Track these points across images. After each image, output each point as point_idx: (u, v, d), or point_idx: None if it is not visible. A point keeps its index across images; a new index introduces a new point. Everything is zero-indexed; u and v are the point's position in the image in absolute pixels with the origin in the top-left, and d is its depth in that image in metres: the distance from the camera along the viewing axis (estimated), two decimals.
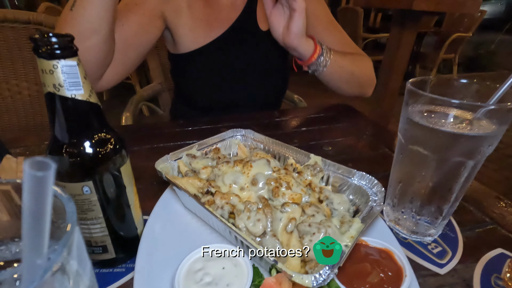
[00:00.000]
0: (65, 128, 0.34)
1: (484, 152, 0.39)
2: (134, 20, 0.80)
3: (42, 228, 0.13)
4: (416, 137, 0.42)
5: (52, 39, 0.30)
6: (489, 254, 0.46)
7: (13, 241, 0.26)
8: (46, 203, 0.13)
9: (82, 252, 0.16)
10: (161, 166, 0.52)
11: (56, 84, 0.31)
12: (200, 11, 0.91)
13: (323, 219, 0.42)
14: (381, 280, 0.35)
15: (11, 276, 0.13)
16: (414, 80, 0.43)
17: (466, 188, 0.44)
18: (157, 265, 0.40)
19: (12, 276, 0.14)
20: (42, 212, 0.13)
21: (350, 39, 1.04)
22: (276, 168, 0.51)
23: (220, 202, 0.45)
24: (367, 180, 0.48)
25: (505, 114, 0.37)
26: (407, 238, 0.49)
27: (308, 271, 0.37)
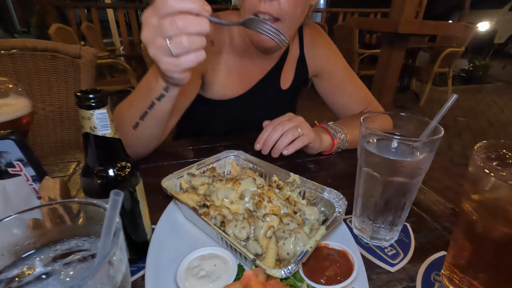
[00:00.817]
0: (96, 157, 0.45)
1: (420, 172, 0.50)
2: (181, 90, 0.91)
3: (113, 225, 0.24)
4: (368, 161, 0.53)
5: (90, 95, 0.41)
6: (434, 256, 0.56)
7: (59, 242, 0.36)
8: (117, 212, 0.24)
9: (122, 246, 0.27)
10: (166, 183, 0.63)
11: (92, 127, 0.42)
12: (234, 70, 1.00)
13: (296, 226, 0.53)
14: (336, 273, 0.45)
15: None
16: (366, 116, 0.54)
17: (412, 200, 0.55)
18: (163, 264, 0.50)
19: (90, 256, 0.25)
20: (114, 217, 0.24)
21: (365, 92, 1.09)
22: (260, 185, 0.62)
23: (214, 213, 0.56)
24: (334, 195, 0.59)
25: (433, 143, 0.48)
26: (368, 243, 0.59)
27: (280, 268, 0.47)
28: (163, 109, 0.70)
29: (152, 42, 0.53)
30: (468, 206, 0.42)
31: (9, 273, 0.27)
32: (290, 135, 0.80)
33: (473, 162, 0.41)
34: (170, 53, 0.52)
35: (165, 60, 0.54)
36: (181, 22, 0.50)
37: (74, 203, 0.35)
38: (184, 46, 0.51)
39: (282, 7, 0.80)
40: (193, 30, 0.51)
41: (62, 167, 0.87)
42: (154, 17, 0.52)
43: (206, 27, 0.52)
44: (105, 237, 0.24)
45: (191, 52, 0.53)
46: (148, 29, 0.53)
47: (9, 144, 0.47)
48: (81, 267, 0.30)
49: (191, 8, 0.50)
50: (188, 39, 0.51)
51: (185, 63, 0.54)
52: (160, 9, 0.50)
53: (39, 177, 0.52)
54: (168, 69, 0.55)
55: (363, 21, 2.70)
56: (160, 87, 0.65)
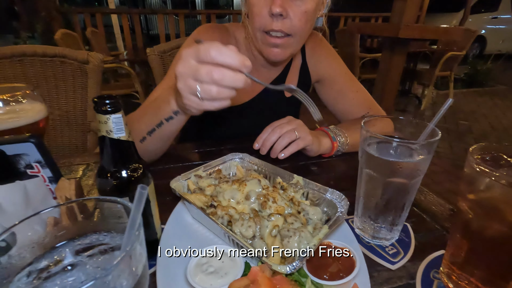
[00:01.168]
0: (111, 159, 0.48)
1: (418, 174, 0.53)
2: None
3: (138, 216, 0.27)
4: (368, 162, 0.55)
5: (106, 101, 0.44)
6: (434, 254, 0.58)
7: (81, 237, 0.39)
8: (142, 204, 0.27)
9: (142, 241, 0.30)
10: (174, 184, 0.65)
11: (108, 130, 0.45)
12: None
13: (300, 226, 0.55)
14: (338, 270, 0.47)
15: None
16: (366, 120, 0.57)
17: (411, 201, 0.57)
18: (172, 261, 0.52)
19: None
20: (140, 208, 0.27)
21: (367, 96, 1.11)
22: (265, 186, 0.64)
23: (221, 213, 0.58)
24: (337, 195, 0.61)
25: (430, 146, 0.51)
26: (369, 242, 0.61)
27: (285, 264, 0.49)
28: (170, 129, 0.73)
29: (183, 78, 0.54)
30: (464, 205, 0.44)
31: (38, 264, 0.30)
32: (287, 137, 0.83)
33: (468, 164, 0.43)
34: (196, 94, 0.54)
35: (189, 98, 0.55)
36: (217, 74, 0.51)
37: (93, 200, 0.37)
38: (212, 95, 0.53)
39: (293, 23, 0.82)
40: (226, 84, 0.52)
41: (72, 169, 0.89)
42: (193, 59, 0.53)
43: (240, 83, 0.53)
44: (130, 228, 0.27)
45: (217, 100, 0.55)
46: (184, 65, 0.54)
47: (29, 146, 0.50)
48: (103, 258, 0.32)
49: (230, 64, 0.52)
50: (218, 90, 0.52)
51: (207, 106, 0.55)
52: (201, 54, 0.52)
53: (55, 178, 0.55)
54: (189, 105, 0.57)
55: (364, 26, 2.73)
56: (170, 110, 0.68)
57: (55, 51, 1.46)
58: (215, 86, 0.52)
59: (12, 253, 0.30)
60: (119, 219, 0.36)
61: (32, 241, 0.31)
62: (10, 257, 0.28)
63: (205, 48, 0.51)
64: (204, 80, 0.52)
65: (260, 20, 0.84)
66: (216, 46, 0.51)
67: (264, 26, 0.84)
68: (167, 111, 0.68)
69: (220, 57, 0.51)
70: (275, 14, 0.79)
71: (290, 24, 0.82)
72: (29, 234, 0.34)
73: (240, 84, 0.53)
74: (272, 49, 0.88)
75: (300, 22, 0.83)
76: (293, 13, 0.81)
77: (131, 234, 0.27)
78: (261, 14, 0.83)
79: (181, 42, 1.50)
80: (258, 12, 0.83)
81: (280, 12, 0.79)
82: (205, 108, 0.56)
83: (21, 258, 0.29)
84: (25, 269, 0.28)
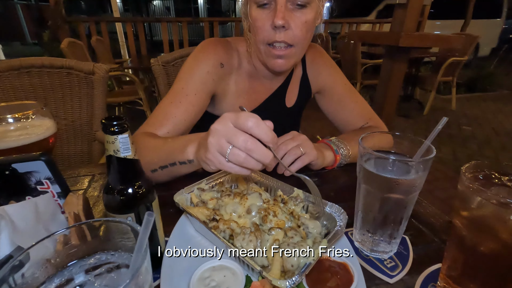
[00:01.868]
0: (117, 177, 0.50)
1: (414, 190, 0.54)
2: (194, 110, 0.94)
3: (145, 240, 0.29)
4: (365, 178, 0.57)
5: (114, 122, 0.46)
6: (431, 268, 0.59)
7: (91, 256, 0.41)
8: (149, 230, 0.29)
9: (148, 258, 0.32)
10: (178, 198, 0.67)
11: (115, 150, 0.47)
12: (243, 90, 1.06)
13: (300, 240, 0.56)
14: (337, 284, 0.49)
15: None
16: (364, 136, 0.58)
17: (408, 215, 0.58)
18: (176, 274, 0.54)
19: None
20: (147, 234, 0.29)
21: (366, 107, 1.14)
22: (266, 200, 0.66)
23: (223, 227, 0.60)
24: (335, 209, 0.63)
25: (426, 163, 0.52)
26: (368, 255, 0.62)
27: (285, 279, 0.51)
28: (182, 171, 0.76)
29: (218, 136, 0.55)
30: (458, 222, 0.46)
31: (50, 284, 0.32)
32: (292, 154, 0.84)
33: (461, 182, 0.44)
34: (224, 154, 0.55)
35: (215, 155, 0.56)
36: (252, 145, 0.53)
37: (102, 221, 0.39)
38: (239, 161, 0.54)
39: (295, 34, 0.85)
40: (255, 156, 0.54)
41: (77, 181, 0.92)
42: (232, 122, 0.55)
43: (267, 160, 0.55)
44: (138, 250, 0.29)
45: (239, 167, 0.56)
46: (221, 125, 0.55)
47: (40, 164, 0.52)
48: (110, 276, 0.34)
49: (265, 140, 0.54)
50: (246, 158, 0.54)
51: (227, 168, 0.57)
52: (240, 121, 0.54)
53: (64, 194, 0.57)
54: (211, 161, 0.58)
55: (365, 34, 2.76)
56: (185, 157, 0.70)
57: (62, 62, 1.50)
58: (245, 154, 0.54)
59: (26, 272, 0.32)
60: (125, 235, 0.38)
61: (44, 260, 0.33)
62: (25, 277, 0.30)
63: (245, 116, 0.54)
64: (237, 144, 0.54)
65: (263, 33, 0.87)
66: (255, 118, 0.53)
67: (268, 39, 0.87)
68: (180, 156, 0.71)
69: (257, 130, 0.53)
70: (277, 26, 0.82)
71: (292, 34, 0.85)
72: (41, 252, 0.36)
73: (267, 160, 0.55)
74: (276, 60, 0.91)
75: (301, 32, 0.86)
76: (294, 24, 0.84)
77: (139, 256, 0.29)
78: (264, 27, 0.86)
79: (184, 53, 1.53)
80: (261, 26, 0.86)
81: (283, 24, 0.82)
82: (224, 169, 0.58)
83: (34, 278, 0.31)
84: None
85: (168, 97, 0.94)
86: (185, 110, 0.92)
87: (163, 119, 0.91)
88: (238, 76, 1.04)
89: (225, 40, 1.03)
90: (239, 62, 1.04)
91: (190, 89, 0.94)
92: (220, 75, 0.99)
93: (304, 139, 0.87)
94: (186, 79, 0.95)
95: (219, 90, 1.01)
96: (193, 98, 0.94)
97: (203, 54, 0.98)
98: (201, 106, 0.97)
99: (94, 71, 1.53)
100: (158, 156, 0.77)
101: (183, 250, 0.59)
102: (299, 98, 1.16)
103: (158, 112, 0.93)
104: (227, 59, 1.00)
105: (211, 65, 0.96)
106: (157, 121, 0.91)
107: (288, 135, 0.89)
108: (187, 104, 0.93)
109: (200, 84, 0.95)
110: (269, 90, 1.11)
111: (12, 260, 0.29)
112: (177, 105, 0.92)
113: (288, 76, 1.12)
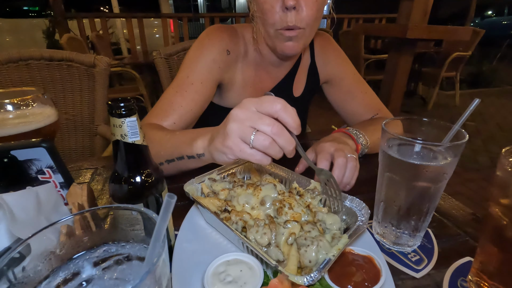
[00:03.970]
0: (125, 164, 0.46)
1: (444, 177, 0.50)
2: (200, 99, 0.90)
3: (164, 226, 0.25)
4: (389, 166, 0.53)
5: (121, 104, 0.43)
6: (459, 262, 0.55)
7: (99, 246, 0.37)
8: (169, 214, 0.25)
9: (166, 249, 0.28)
10: (188, 188, 0.64)
11: (123, 134, 0.44)
12: (250, 80, 1.02)
13: (318, 234, 0.52)
14: (363, 279, 0.45)
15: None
16: (388, 121, 0.54)
17: (435, 206, 0.55)
18: (187, 269, 0.50)
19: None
20: (167, 218, 0.25)
21: (375, 98, 1.09)
22: (281, 191, 0.62)
23: (235, 218, 0.56)
24: (356, 203, 0.58)
25: (457, 148, 0.48)
26: (391, 249, 0.59)
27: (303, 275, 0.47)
28: (190, 165, 0.71)
29: (239, 121, 0.51)
30: (497, 211, 0.42)
31: (55, 278, 0.28)
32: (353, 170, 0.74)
33: (501, 166, 0.41)
34: (246, 140, 0.51)
35: (236, 141, 0.52)
36: (278, 129, 0.50)
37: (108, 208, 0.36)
38: (264, 146, 0.50)
39: (307, 13, 0.81)
40: (280, 141, 0.51)
41: (80, 174, 0.88)
42: (255, 107, 0.51)
43: (291, 147, 0.52)
44: (155, 239, 0.25)
45: (261, 154, 0.52)
46: (243, 110, 0.52)
47: (41, 151, 0.48)
48: (120, 269, 0.30)
49: (291, 125, 0.51)
50: (271, 143, 0.50)
51: (248, 156, 0.52)
52: (265, 105, 0.50)
53: (67, 184, 0.54)
54: (231, 148, 0.53)
55: (370, 27, 2.71)
56: (194, 151, 0.65)
57: (62, 55, 1.46)
58: (271, 138, 0.50)
59: (27, 265, 0.29)
60: (134, 226, 0.35)
61: (48, 252, 0.29)
62: (26, 271, 0.27)
63: (272, 100, 0.50)
64: (262, 129, 0.50)
65: (273, 16, 0.82)
66: (283, 101, 0.50)
67: (280, 23, 0.82)
68: (190, 150, 0.66)
69: (284, 113, 0.50)
70: (288, 7, 0.78)
71: (303, 15, 0.81)
72: (43, 244, 0.32)
73: (291, 147, 0.52)
74: (286, 43, 0.87)
75: (313, 11, 0.82)
76: (305, 3, 0.80)
77: (156, 246, 0.25)
78: (273, 9, 0.81)
79: (186, 46, 1.49)
80: (270, 8, 0.82)
81: (294, 5, 0.78)
82: (244, 157, 0.53)
83: (36, 271, 0.27)
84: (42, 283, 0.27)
85: (173, 86, 0.90)
86: (191, 99, 0.88)
87: (168, 109, 0.87)
88: (244, 65, 1.00)
89: (230, 27, 0.99)
90: (245, 50, 1.00)
91: (196, 78, 0.90)
92: (227, 62, 0.94)
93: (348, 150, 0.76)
94: (191, 67, 0.91)
95: (226, 79, 0.97)
96: (199, 87, 0.89)
97: (208, 40, 0.93)
98: (207, 96, 0.93)
99: (95, 64, 1.48)
100: (165, 149, 0.73)
101: (195, 244, 0.56)
102: (307, 87, 1.12)
103: (163, 102, 0.89)
104: (234, 46, 0.96)
105: (216, 52, 0.92)
106: (162, 111, 0.87)
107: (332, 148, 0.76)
108: (193, 93, 0.89)
109: (206, 72, 0.91)
110: (276, 79, 1.06)
111: (10, 251, 0.25)
112: (183, 94, 0.88)
113: (296, 64, 1.08)
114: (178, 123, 0.87)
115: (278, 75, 1.06)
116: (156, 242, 0.25)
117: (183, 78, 0.90)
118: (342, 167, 0.71)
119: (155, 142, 0.74)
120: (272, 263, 0.46)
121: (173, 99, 0.88)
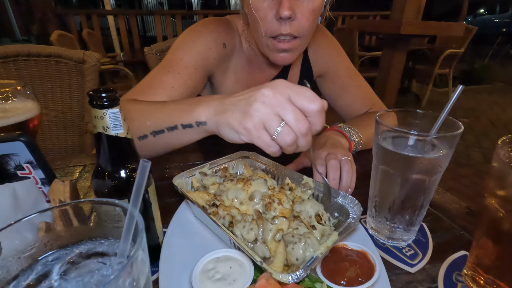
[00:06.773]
0: (108, 158, 0.44)
1: (438, 170, 0.49)
2: (191, 85, 0.83)
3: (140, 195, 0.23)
4: (384, 158, 0.51)
5: (103, 94, 0.40)
6: (454, 256, 0.54)
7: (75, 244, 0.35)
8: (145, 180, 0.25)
9: (145, 247, 0.26)
10: (178, 181, 0.62)
11: (105, 126, 0.41)
12: (243, 75, 0.99)
13: (306, 231, 0.51)
14: (357, 274, 0.44)
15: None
16: (381, 113, 0.53)
17: (430, 199, 0.54)
18: (176, 267, 0.48)
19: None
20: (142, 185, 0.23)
21: (369, 92, 1.07)
22: (271, 187, 0.61)
23: (223, 213, 0.54)
24: (349, 200, 0.56)
25: (452, 139, 0.47)
26: (385, 243, 0.57)
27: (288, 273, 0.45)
28: (182, 138, 0.62)
29: (270, 106, 0.46)
30: (494, 202, 0.41)
31: (25, 277, 0.26)
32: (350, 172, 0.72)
33: (497, 157, 0.39)
34: (269, 129, 0.47)
35: (257, 127, 0.47)
36: (306, 130, 0.47)
37: (89, 203, 0.33)
38: (285, 142, 0.47)
39: (302, 24, 0.77)
40: (301, 142, 0.48)
41: (67, 171, 0.85)
42: (290, 95, 0.46)
43: (307, 148, 0.49)
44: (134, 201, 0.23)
45: (279, 147, 0.49)
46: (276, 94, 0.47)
47: (19, 145, 0.46)
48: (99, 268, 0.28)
49: (315, 129, 0.48)
50: (293, 142, 0.47)
51: (264, 145, 0.48)
52: (304, 101, 0.46)
53: (48, 180, 0.51)
54: (248, 131, 0.48)
55: (364, 23, 2.71)
56: (193, 119, 0.57)
57: (50, 50, 1.42)
58: (296, 136, 0.47)
59: None
60: (118, 223, 0.33)
61: (18, 251, 0.27)
62: None
63: (311, 96, 0.46)
64: (292, 125, 0.46)
65: (266, 25, 0.77)
66: (322, 103, 0.47)
67: (273, 31, 0.78)
68: (188, 117, 0.58)
69: (316, 117, 0.46)
70: (283, 17, 0.73)
71: (298, 25, 0.77)
72: (17, 242, 0.30)
73: (305, 149, 0.50)
74: (280, 54, 0.82)
75: (308, 21, 0.77)
76: (301, 14, 0.75)
77: (130, 229, 0.23)
78: (267, 18, 0.76)
79: None
80: (263, 17, 0.76)
81: (289, 15, 0.72)
82: (260, 145, 0.49)
83: (4, 272, 0.25)
84: (10, 285, 0.25)
85: (164, 65, 0.82)
86: (184, 82, 0.81)
87: (157, 88, 0.78)
88: (238, 59, 0.98)
89: (225, 20, 0.96)
90: (240, 43, 0.98)
91: (190, 62, 0.83)
92: (222, 55, 0.91)
93: (343, 153, 0.74)
94: (186, 50, 0.85)
95: (218, 72, 0.95)
96: (193, 72, 0.83)
97: (205, 29, 0.89)
98: (198, 84, 0.88)
99: (85, 60, 1.45)
100: (153, 118, 0.63)
101: (183, 240, 0.54)
102: (300, 82, 1.10)
103: (151, 80, 0.81)
104: (230, 39, 0.93)
105: (213, 43, 0.88)
106: (151, 89, 0.78)
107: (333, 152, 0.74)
108: (185, 77, 0.82)
109: (201, 59, 0.85)
110: (270, 76, 1.04)
111: None
112: (175, 76, 0.81)
113: None
114: (184, 92, 0.81)
115: (271, 72, 1.04)
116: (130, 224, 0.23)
117: (175, 59, 0.83)
118: (335, 169, 0.69)
119: (141, 112, 0.65)
120: (257, 260, 0.44)
121: (164, 78, 0.80)
